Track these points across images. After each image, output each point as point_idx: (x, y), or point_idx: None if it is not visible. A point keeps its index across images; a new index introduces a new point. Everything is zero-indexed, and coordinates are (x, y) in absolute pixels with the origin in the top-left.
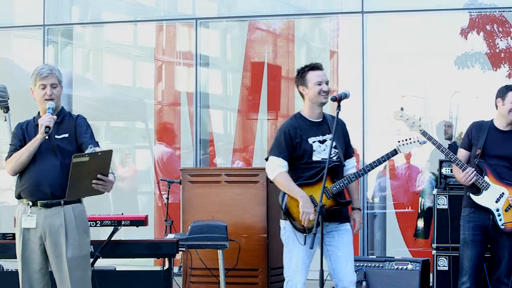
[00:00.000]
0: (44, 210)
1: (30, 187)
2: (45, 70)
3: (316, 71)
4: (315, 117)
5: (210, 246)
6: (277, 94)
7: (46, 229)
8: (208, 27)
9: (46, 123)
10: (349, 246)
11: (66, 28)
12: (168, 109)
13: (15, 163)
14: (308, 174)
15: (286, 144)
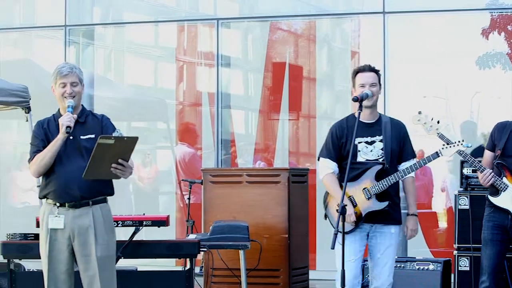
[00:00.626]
0: (72, 211)
1: (58, 190)
2: (66, 69)
3: (362, 73)
4: (367, 118)
5: (231, 246)
6: (299, 94)
7: (75, 230)
8: (229, 28)
9: (67, 122)
10: (389, 249)
11: (88, 29)
12: (189, 109)
13: (39, 164)
14: (351, 175)
15: (333, 144)
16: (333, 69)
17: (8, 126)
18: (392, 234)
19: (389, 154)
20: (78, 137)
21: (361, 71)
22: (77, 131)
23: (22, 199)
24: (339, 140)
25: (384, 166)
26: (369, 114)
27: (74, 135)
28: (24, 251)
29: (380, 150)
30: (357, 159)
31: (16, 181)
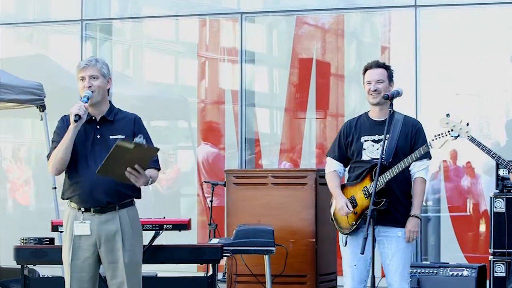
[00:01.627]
0: (98, 216)
1: (83, 194)
2: (84, 62)
3: (369, 70)
4: (378, 116)
5: (256, 251)
6: (326, 91)
7: (102, 236)
8: (253, 22)
9: (75, 110)
10: (397, 254)
11: (105, 23)
12: (211, 107)
13: (55, 160)
14: (355, 174)
15: (339, 144)
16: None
17: (22, 125)
18: (399, 238)
19: (392, 151)
20: (107, 136)
21: (369, 68)
22: (105, 130)
23: (37, 202)
24: (345, 139)
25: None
26: (378, 111)
27: (102, 134)
28: (38, 256)
29: (385, 147)
30: (362, 158)
31: (30, 183)
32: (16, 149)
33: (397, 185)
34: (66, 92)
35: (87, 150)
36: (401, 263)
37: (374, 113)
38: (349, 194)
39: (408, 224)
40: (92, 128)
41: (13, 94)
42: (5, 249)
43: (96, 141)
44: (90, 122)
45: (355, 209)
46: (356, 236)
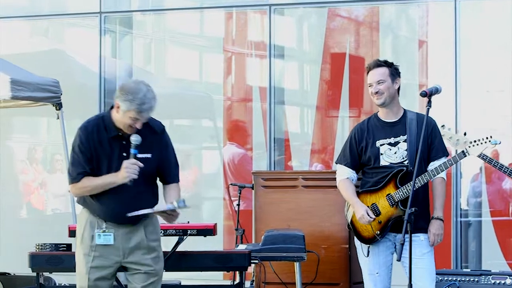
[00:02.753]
0: (123, 227)
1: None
2: (147, 106)
3: (369, 72)
4: (389, 118)
5: (285, 258)
6: (360, 88)
7: (127, 246)
8: (283, 14)
9: (132, 175)
10: (424, 258)
11: (125, 16)
12: (238, 105)
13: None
14: (374, 180)
15: (350, 150)
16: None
17: (37, 124)
18: (422, 241)
19: (413, 154)
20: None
21: (368, 69)
22: None
23: (53, 205)
24: (358, 145)
25: (408, 168)
26: (387, 112)
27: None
28: (54, 263)
29: (404, 151)
30: (380, 163)
31: (46, 186)
32: (31, 150)
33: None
34: (84, 89)
35: (112, 168)
36: (429, 267)
37: (384, 114)
38: (369, 202)
39: (432, 227)
40: (118, 145)
41: (28, 91)
42: (20, 256)
43: (123, 158)
44: (116, 138)
45: (379, 217)
46: (378, 244)
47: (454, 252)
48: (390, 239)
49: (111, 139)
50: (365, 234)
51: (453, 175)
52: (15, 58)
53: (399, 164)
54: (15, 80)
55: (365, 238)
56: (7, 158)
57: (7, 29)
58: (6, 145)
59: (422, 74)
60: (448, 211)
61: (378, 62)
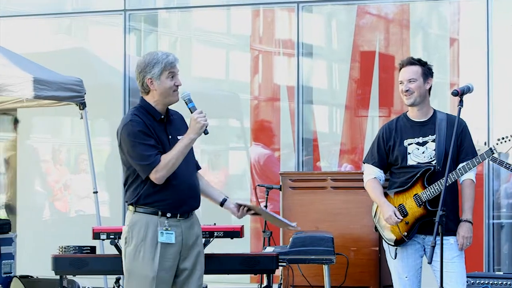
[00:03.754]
0: (183, 221)
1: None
2: (172, 57)
3: (402, 69)
4: (419, 117)
5: (314, 260)
6: (390, 87)
7: (188, 242)
8: (311, 12)
9: (206, 121)
10: (454, 261)
11: (150, 13)
12: (266, 105)
13: (169, 169)
14: (401, 180)
15: (378, 149)
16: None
17: (61, 124)
18: (452, 245)
19: (442, 154)
20: (175, 137)
21: (401, 66)
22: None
23: (77, 207)
24: (386, 144)
25: (435, 168)
26: (417, 111)
27: (172, 134)
28: (78, 266)
29: (432, 151)
30: (408, 163)
31: (70, 187)
32: (55, 150)
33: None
34: (108, 89)
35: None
36: (459, 271)
37: (413, 114)
38: (396, 202)
39: (461, 230)
40: (162, 129)
41: (51, 90)
42: (43, 259)
43: (171, 142)
44: (160, 121)
45: (406, 218)
46: (406, 246)
47: (486, 255)
48: (419, 242)
49: (156, 122)
50: (392, 235)
51: (485, 176)
52: (38, 56)
53: (426, 164)
54: (38, 79)
55: (391, 239)
56: (29, 159)
57: (30, 27)
58: (28, 146)
59: (453, 73)
60: (480, 213)
61: (411, 60)
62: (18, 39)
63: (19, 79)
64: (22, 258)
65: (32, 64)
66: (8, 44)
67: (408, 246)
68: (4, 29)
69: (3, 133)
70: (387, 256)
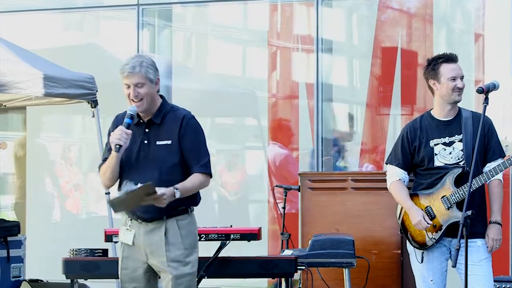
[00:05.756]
0: (144, 225)
1: None
2: (128, 67)
3: (451, 64)
4: (444, 116)
5: (334, 264)
6: (413, 84)
7: (147, 247)
8: (331, 6)
9: (116, 141)
10: (481, 264)
11: (164, 8)
12: (283, 103)
13: (103, 178)
14: (428, 181)
15: (402, 149)
16: None
17: (72, 123)
18: (479, 247)
19: (470, 155)
20: (153, 142)
21: (449, 60)
22: (153, 134)
23: (89, 208)
24: (411, 145)
25: (464, 169)
26: (449, 110)
27: (149, 139)
28: (90, 269)
29: (460, 151)
30: (434, 164)
31: (81, 187)
32: (65, 150)
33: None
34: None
35: (132, 156)
36: (486, 274)
37: (442, 112)
38: (422, 205)
39: (490, 232)
40: (140, 132)
41: (61, 88)
42: (53, 262)
43: (142, 147)
44: (139, 125)
45: (433, 221)
46: (432, 249)
47: None
48: (445, 245)
49: (134, 126)
50: (419, 239)
51: (511, 177)
52: (48, 53)
53: (454, 165)
54: (48, 76)
55: (419, 243)
56: (39, 158)
57: (40, 22)
58: (38, 145)
59: (478, 70)
60: (506, 215)
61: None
62: (28, 34)
63: (29, 76)
64: (32, 261)
65: (42, 60)
66: (18, 40)
67: (434, 249)
68: (13, 24)
69: (13, 131)
70: (411, 259)
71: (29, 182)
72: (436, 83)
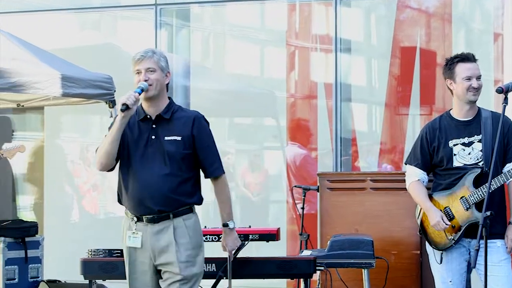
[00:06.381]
0: (151, 226)
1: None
2: (140, 53)
3: (466, 63)
4: (463, 116)
5: (353, 264)
6: (432, 84)
7: (155, 248)
8: (349, 6)
9: (124, 99)
10: (501, 265)
11: (182, 8)
12: (302, 103)
13: (99, 153)
14: (446, 182)
15: (422, 149)
16: None
17: (90, 123)
18: (499, 248)
19: (489, 155)
20: (162, 137)
21: (465, 60)
22: (161, 130)
23: (107, 209)
24: (430, 145)
25: (483, 170)
26: (467, 110)
27: (157, 135)
28: (108, 270)
29: (479, 152)
30: (453, 164)
31: (99, 188)
32: (83, 150)
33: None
34: None
35: (139, 151)
36: (506, 275)
37: (462, 113)
38: (441, 205)
39: (509, 233)
40: (147, 128)
41: (79, 88)
42: (71, 262)
43: (150, 142)
44: (146, 121)
45: (452, 222)
46: (451, 250)
47: None
48: (464, 245)
49: (140, 122)
50: (438, 240)
51: None
52: (66, 53)
53: (473, 165)
54: (66, 76)
55: (438, 244)
56: (57, 158)
57: (57, 22)
58: (56, 145)
59: (497, 69)
60: None
61: (474, 56)
62: (46, 34)
63: (47, 76)
64: (50, 262)
65: (59, 60)
66: (35, 40)
67: (453, 250)
68: (31, 24)
69: (31, 132)
70: (430, 260)
71: (47, 182)
72: (453, 82)
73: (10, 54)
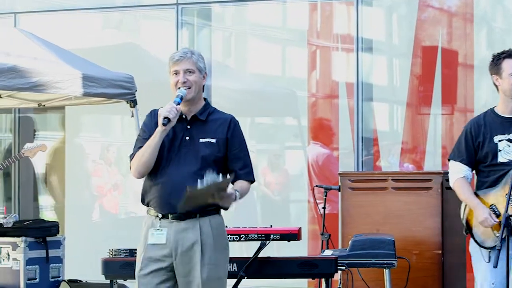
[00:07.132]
0: (176, 223)
1: (161, 198)
2: (179, 53)
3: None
4: (509, 113)
5: (374, 264)
6: (453, 84)
7: (178, 246)
8: (371, 5)
9: (165, 113)
10: None
11: (203, 7)
12: (323, 102)
13: (138, 163)
14: (491, 179)
15: (466, 145)
16: None
17: (111, 123)
18: None
19: None
20: (197, 139)
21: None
22: (196, 131)
23: (127, 208)
24: (475, 140)
25: None
26: (507, 107)
27: (192, 136)
28: (129, 270)
29: None
30: (498, 160)
31: (120, 187)
32: (104, 150)
33: None
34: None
35: (173, 151)
36: None
37: (507, 109)
38: (487, 203)
39: None
40: (182, 128)
41: (100, 87)
42: (93, 262)
43: (184, 142)
44: (181, 121)
45: (499, 218)
46: (495, 250)
47: None
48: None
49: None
50: (486, 237)
51: None
52: (87, 52)
53: None
54: (87, 75)
55: (486, 242)
56: (78, 158)
57: (78, 22)
58: (77, 144)
59: None
60: None
61: None
62: (67, 34)
63: (68, 76)
64: (71, 262)
65: (81, 60)
66: (57, 40)
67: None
68: (52, 24)
69: (52, 131)
70: (474, 260)
71: (68, 182)
72: (499, 78)
73: (32, 54)
